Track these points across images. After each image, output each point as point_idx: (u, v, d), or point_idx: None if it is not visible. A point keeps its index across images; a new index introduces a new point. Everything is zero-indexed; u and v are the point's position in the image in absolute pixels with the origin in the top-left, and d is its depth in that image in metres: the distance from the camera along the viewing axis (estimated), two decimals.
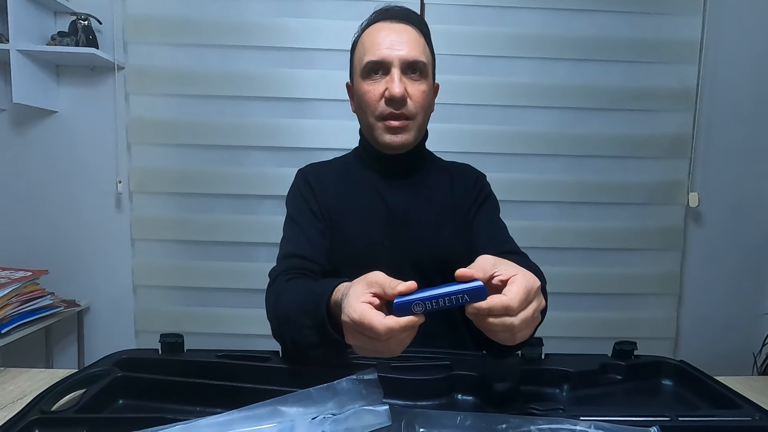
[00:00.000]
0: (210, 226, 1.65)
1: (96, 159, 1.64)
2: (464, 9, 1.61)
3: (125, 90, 1.61)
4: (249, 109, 1.63)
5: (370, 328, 0.43)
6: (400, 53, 0.74)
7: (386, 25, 0.77)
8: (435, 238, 0.80)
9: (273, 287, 0.73)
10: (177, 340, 0.68)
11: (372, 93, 0.75)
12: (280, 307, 0.67)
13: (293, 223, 0.81)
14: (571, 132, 1.67)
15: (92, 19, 1.52)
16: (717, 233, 1.74)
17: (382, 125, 0.76)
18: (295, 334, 0.61)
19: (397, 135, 0.76)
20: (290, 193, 0.85)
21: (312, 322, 0.57)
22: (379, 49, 0.74)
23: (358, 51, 0.79)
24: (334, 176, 0.84)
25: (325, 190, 0.82)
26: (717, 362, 1.69)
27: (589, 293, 1.72)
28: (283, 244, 0.80)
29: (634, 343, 0.70)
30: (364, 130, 0.81)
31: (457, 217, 0.82)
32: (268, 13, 1.60)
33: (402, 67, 0.74)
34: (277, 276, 0.73)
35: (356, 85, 0.79)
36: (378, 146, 0.79)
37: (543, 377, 0.66)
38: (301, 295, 0.63)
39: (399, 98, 0.73)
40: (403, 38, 0.75)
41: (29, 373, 0.69)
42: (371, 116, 0.77)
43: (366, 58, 0.75)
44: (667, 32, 1.65)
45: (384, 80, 0.75)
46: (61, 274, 1.62)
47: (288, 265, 0.74)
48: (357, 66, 0.78)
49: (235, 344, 1.64)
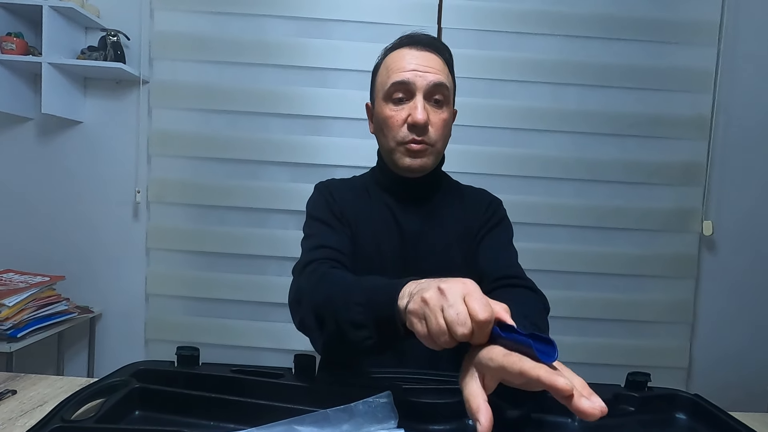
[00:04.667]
0: (223, 237, 1.68)
1: (117, 169, 1.68)
2: (481, 34, 1.65)
3: (149, 103, 1.67)
4: (266, 125, 1.67)
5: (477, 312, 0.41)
6: (425, 78, 0.75)
7: (412, 50, 0.78)
8: (443, 262, 0.80)
9: (308, 273, 0.68)
10: (193, 353, 0.69)
11: (395, 118, 0.76)
12: (322, 289, 0.61)
13: (320, 223, 0.80)
14: (585, 156, 1.68)
15: (121, 35, 1.58)
16: (731, 262, 1.72)
17: (403, 149, 0.77)
18: (341, 312, 0.55)
19: (416, 159, 0.77)
20: (312, 200, 0.85)
21: (364, 299, 0.53)
22: (404, 72, 0.75)
23: (381, 74, 0.80)
24: (351, 193, 0.86)
25: (345, 204, 0.83)
26: (730, 395, 1.66)
27: (600, 319, 1.70)
28: (310, 240, 0.77)
29: (647, 374, 0.70)
30: (383, 152, 0.82)
31: (467, 241, 0.83)
32: (289, 32, 1.65)
33: (425, 93, 0.75)
34: (311, 262, 0.69)
35: (378, 107, 0.80)
36: (397, 169, 0.81)
37: (555, 406, 0.65)
38: (351, 281, 0.59)
39: (422, 125, 0.74)
40: (428, 64, 0.76)
41: (48, 380, 0.71)
42: (392, 140, 0.78)
43: (390, 80, 0.76)
44: (682, 61, 1.67)
45: (407, 106, 0.76)
46: (76, 280, 1.65)
47: (323, 254, 0.71)
48: (380, 88, 0.79)
49: (243, 356, 1.66)
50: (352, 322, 0.54)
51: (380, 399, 0.47)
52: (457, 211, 0.85)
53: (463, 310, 0.42)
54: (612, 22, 1.65)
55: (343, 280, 0.62)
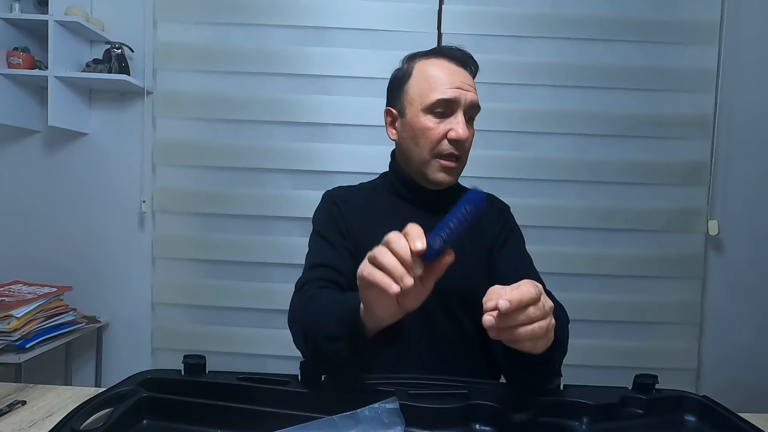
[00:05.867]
0: (228, 245, 1.68)
1: (122, 179, 1.70)
2: (480, 38, 1.66)
3: (153, 114, 1.68)
4: (269, 133, 1.68)
5: (397, 248, 0.45)
6: (468, 96, 0.77)
7: (451, 65, 0.79)
8: (458, 267, 0.80)
9: (301, 294, 0.73)
10: (199, 361, 0.70)
11: (436, 131, 0.77)
12: (308, 310, 0.67)
13: (321, 238, 0.82)
14: (587, 158, 1.68)
15: (125, 47, 1.60)
16: (738, 262, 1.71)
17: (438, 163, 0.78)
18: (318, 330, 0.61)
19: (449, 175, 0.79)
20: (317, 213, 0.87)
21: (339, 313, 0.58)
22: (450, 89, 0.76)
23: (418, 83, 0.79)
24: (361, 201, 0.86)
25: (352, 213, 0.83)
26: (739, 395, 1.64)
27: (607, 321, 1.69)
28: (310, 257, 0.81)
29: (655, 376, 0.69)
30: (412, 161, 0.81)
31: (481, 248, 0.83)
32: (290, 41, 1.67)
33: (465, 110, 0.78)
34: (305, 284, 0.74)
35: (413, 117, 0.79)
36: (424, 180, 0.81)
37: (562, 409, 0.65)
38: (331, 299, 0.65)
39: (464, 141, 0.77)
40: (468, 81, 0.79)
41: (57, 390, 0.71)
42: (428, 152, 0.78)
43: (436, 95, 0.76)
44: (683, 61, 1.67)
45: (447, 120, 0.77)
46: (83, 290, 1.66)
47: (317, 274, 0.75)
48: (416, 98, 0.78)
49: (249, 364, 1.66)
50: (327, 336, 0.59)
51: (386, 404, 0.47)
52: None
53: (382, 249, 0.47)
54: (611, 23, 1.66)
55: (327, 300, 0.66)
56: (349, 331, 0.56)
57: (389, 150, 0.90)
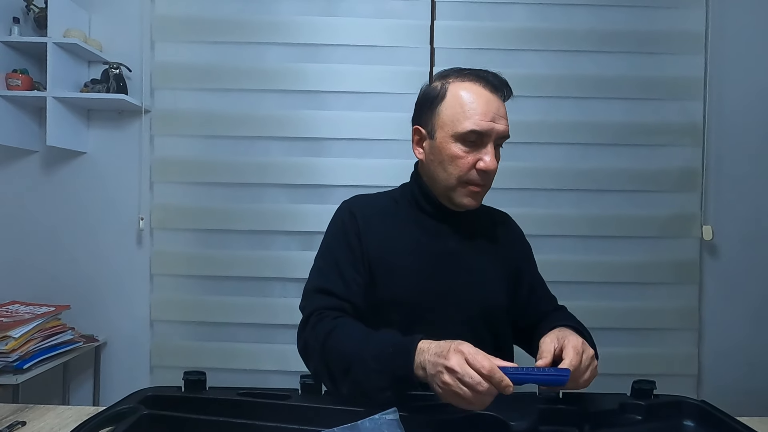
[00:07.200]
0: (227, 261, 1.69)
1: (120, 197, 1.71)
2: (472, 52, 1.69)
3: (150, 132, 1.70)
4: (266, 149, 1.70)
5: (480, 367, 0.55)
6: (500, 128, 0.78)
7: (486, 92, 0.78)
8: (481, 281, 0.83)
9: (313, 324, 0.74)
10: (200, 377, 0.70)
11: (465, 160, 0.77)
12: (336, 349, 0.69)
13: (330, 255, 0.82)
14: (580, 167, 1.70)
15: (123, 67, 1.63)
16: (734, 266, 1.72)
17: (465, 190, 0.80)
18: (363, 381, 0.65)
19: (475, 199, 0.81)
20: (332, 224, 0.86)
21: (380, 367, 0.64)
22: (485, 121, 0.76)
23: (452, 107, 0.78)
24: (380, 213, 0.85)
25: (370, 227, 0.83)
26: (740, 400, 1.63)
27: (605, 328, 1.69)
28: (315, 275, 0.81)
29: (653, 382, 0.70)
30: (438, 184, 0.82)
31: (503, 264, 0.86)
32: (285, 59, 1.70)
33: (494, 140, 0.78)
34: (314, 312, 0.75)
35: (444, 142, 0.78)
36: (450, 203, 0.82)
37: (561, 417, 0.65)
38: (372, 346, 0.67)
39: (492, 172, 0.79)
40: (501, 112, 0.79)
41: (57, 410, 0.71)
42: (456, 178, 0.79)
43: (469, 126, 0.76)
44: (670, 71, 1.70)
45: (477, 150, 0.78)
46: (81, 309, 1.66)
47: (323, 303, 0.76)
48: (449, 124, 0.78)
49: (250, 380, 1.65)
50: (374, 387, 0.64)
51: (387, 415, 0.47)
52: (487, 231, 0.89)
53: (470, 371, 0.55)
54: (600, 36, 1.70)
55: (361, 344, 0.68)
56: (402, 386, 0.63)
57: (384, 163, 0.92)
